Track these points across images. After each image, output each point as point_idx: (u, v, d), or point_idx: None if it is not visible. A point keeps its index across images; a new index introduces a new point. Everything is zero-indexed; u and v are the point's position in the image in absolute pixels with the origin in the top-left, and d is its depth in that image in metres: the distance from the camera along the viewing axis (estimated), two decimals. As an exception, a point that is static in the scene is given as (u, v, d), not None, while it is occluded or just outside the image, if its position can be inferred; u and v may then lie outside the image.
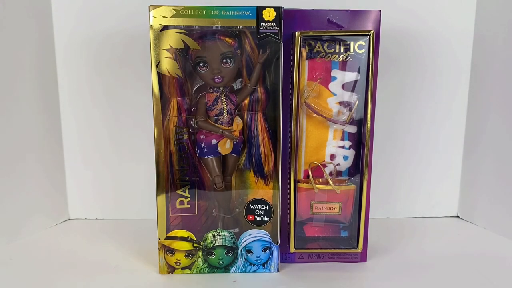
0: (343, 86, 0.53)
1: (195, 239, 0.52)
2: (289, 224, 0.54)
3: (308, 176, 0.55)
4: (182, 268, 0.53)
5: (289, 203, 0.54)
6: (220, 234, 0.53)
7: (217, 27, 0.49)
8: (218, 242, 0.53)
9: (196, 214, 0.53)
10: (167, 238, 0.52)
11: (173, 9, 0.48)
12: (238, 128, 0.52)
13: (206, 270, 0.53)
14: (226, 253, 0.53)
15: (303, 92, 0.53)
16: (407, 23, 0.71)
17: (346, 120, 0.53)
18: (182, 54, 0.49)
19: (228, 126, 0.52)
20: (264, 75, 0.50)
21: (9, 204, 0.64)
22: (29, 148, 0.67)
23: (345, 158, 0.55)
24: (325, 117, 0.53)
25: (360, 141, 0.55)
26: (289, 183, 0.54)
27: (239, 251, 0.53)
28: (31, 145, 0.67)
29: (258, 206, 0.53)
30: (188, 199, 0.53)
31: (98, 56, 0.71)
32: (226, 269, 0.54)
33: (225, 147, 0.52)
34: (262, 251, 0.53)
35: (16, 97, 0.64)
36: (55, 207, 0.73)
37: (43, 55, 0.69)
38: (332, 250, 0.56)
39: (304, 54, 0.53)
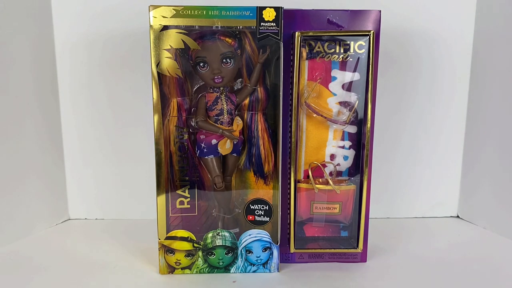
0: (343, 86, 0.53)
1: (195, 239, 0.52)
2: (289, 224, 0.54)
3: (308, 176, 0.55)
4: (182, 268, 0.53)
5: (289, 203, 0.54)
6: (220, 234, 0.53)
7: (217, 27, 0.49)
8: (218, 242, 0.53)
9: (196, 214, 0.53)
10: (167, 238, 0.52)
11: (173, 9, 0.48)
12: (238, 128, 0.52)
13: (206, 270, 0.53)
14: (226, 253, 0.53)
15: (303, 92, 0.53)
16: (407, 23, 0.71)
17: (346, 120, 0.53)
18: (182, 54, 0.49)
19: (228, 126, 0.52)
20: (264, 75, 0.50)
21: (9, 204, 0.64)
22: (29, 148, 0.67)
23: (345, 158, 0.55)
24: (325, 117, 0.53)
25: (360, 141, 0.55)
26: (289, 183, 0.54)
27: (239, 251, 0.53)
28: (31, 145, 0.67)
29: (258, 206, 0.53)
30: (188, 199, 0.53)
31: (98, 56, 0.71)
32: (226, 269, 0.54)
33: (225, 147, 0.52)
34: (262, 251, 0.53)
35: (16, 97, 0.64)
36: (55, 207, 0.73)
37: (43, 55, 0.69)
38: (332, 250, 0.56)
39: (304, 54, 0.53)
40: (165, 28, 0.48)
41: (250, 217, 0.53)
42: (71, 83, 0.72)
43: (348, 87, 0.53)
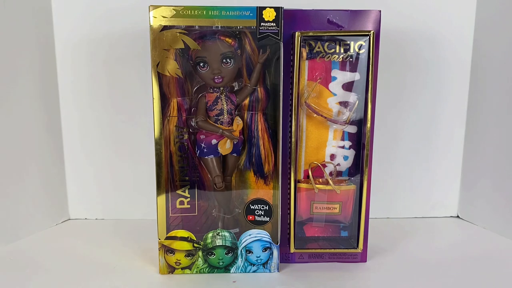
0: (343, 86, 0.53)
1: (195, 239, 0.52)
2: (289, 224, 0.54)
3: (308, 176, 0.55)
4: (182, 268, 0.53)
5: (289, 203, 0.54)
6: (220, 234, 0.53)
7: (217, 27, 0.49)
8: (218, 242, 0.53)
9: (196, 214, 0.53)
10: (167, 238, 0.52)
11: (173, 9, 0.48)
12: (238, 128, 0.52)
13: (206, 270, 0.53)
14: (226, 253, 0.53)
15: (303, 92, 0.53)
16: (407, 23, 0.71)
17: (346, 120, 0.53)
18: (182, 54, 0.49)
19: (228, 126, 0.52)
20: (264, 75, 0.50)
21: (9, 204, 0.64)
22: (29, 148, 0.67)
23: (345, 158, 0.55)
24: (325, 117, 0.53)
25: (360, 141, 0.55)
26: (289, 183, 0.54)
27: (239, 251, 0.53)
28: (31, 145, 0.67)
29: (258, 206, 0.53)
30: (188, 199, 0.53)
31: (98, 56, 0.71)
32: (226, 269, 0.54)
33: (225, 147, 0.52)
34: (262, 251, 0.53)
35: (16, 97, 0.64)
36: (55, 207, 0.73)
37: (43, 55, 0.69)
38: (332, 250, 0.56)
39: (304, 54, 0.53)
40: (165, 28, 0.48)
41: (250, 217, 0.53)
42: (71, 83, 0.72)
43: (348, 87, 0.53)
